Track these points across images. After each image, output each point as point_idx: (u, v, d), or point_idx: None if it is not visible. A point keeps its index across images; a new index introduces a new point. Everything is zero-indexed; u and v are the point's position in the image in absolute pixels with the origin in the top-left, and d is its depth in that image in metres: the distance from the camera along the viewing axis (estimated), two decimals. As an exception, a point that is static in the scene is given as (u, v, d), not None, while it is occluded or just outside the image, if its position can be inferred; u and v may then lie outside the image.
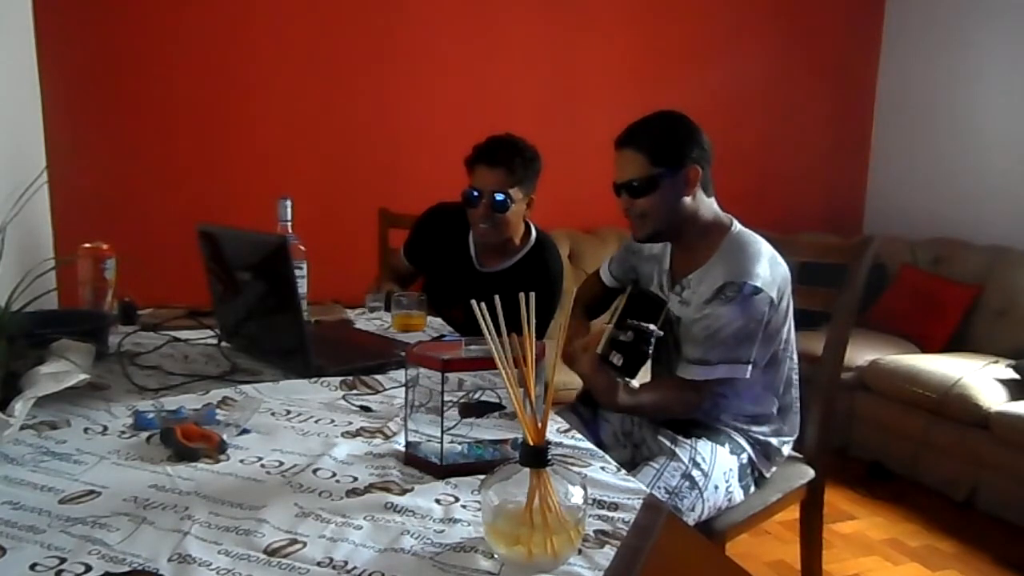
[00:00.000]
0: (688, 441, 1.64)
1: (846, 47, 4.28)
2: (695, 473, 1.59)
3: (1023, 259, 3.41)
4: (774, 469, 1.77)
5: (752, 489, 1.71)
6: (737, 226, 1.69)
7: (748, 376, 1.60)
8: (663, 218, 1.65)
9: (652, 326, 1.55)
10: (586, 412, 1.83)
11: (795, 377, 1.75)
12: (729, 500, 1.65)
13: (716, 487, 1.61)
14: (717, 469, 1.62)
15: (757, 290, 1.57)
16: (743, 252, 1.62)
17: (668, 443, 1.65)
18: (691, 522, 1.55)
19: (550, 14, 3.66)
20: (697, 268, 1.66)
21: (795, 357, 1.74)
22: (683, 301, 1.68)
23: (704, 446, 1.64)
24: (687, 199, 1.64)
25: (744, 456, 1.69)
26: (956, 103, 3.92)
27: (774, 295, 1.60)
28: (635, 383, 1.58)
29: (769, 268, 1.61)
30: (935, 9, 4.03)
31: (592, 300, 1.98)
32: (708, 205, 1.68)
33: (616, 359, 1.53)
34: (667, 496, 1.53)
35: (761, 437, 1.72)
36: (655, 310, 1.71)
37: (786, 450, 1.78)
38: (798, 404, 1.78)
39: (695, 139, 1.64)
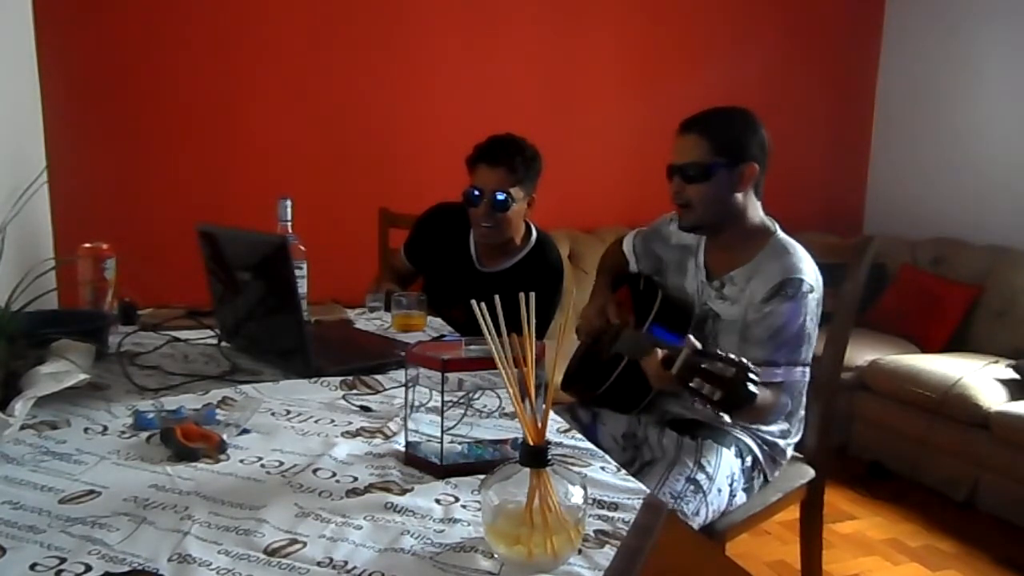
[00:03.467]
0: (693, 443, 1.64)
1: (846, 47, 4.28)
2: (699, 477, 1.58)
3: (1023, 259, 3.41)
4: (777, 473, 1.76)
5: (755, 492, 1.71)
6: (781, 232, 1.69)
7: (806, 378, 1.61)
8: (710, 209, 1.64)
9: (747, 362, 1.29)
10: (585, 416, 1.82)
11: (806, 380, 1.75)
12: (731, 503, 1.65)
13: (720, 490, 1.60)
14: (721, 472, 1.61)
15: (811, 288, 1.58)
16: (792, 253, 1.62)
17: (673, 446, 1.65)
18: (695, 526, 1.54)
19: (550, 14, 3.66)
20: (740, 266, 1.65)
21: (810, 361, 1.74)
22: (724, 297, 1.67)
23: (709, 449, 1.63)
24: (738, 195, 1.63)
25: (749, 458, 1.69)
26: (956, 103, 3.92)
27: (819, 297, 1.61)
28: (727, 417, 1.46)
29: (813, 272, 1.62)
30: (935, 9, 4.03)
31: (614, 272, 1.94)
32: (756, 207, 1.68)
33: (711, 392, 1.29)
34: (672, 501, 1.52)
35: (769, 437, 1.72)
36: (684, 316, 1.69)
37: (790, 452, 1.78)
38: (803, 408, 1.78)
39: (760, 137, 1.64)
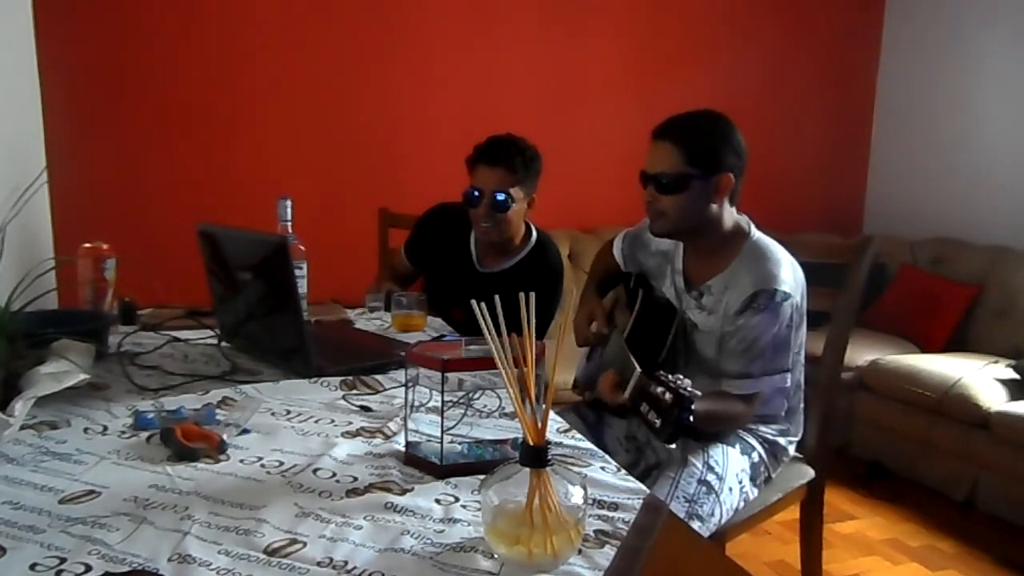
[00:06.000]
0: (699, 445, 1.62)
1: (846, 47, 4.28)
2: (710, 477, 1.57)
3: (1023, 259, 3.41)
4: (780, 469, 1.76)
5: (762, 488, 1.71)
6: (755, 232, 1.65)
7: (788, 384, 1.60)
8: (684, 220, 1.60)
9: (689, 387, 1.29)
10: (590, 415, 1.82)
11: (802, 379, 1.75)
12: (744, 500, 1.65)
13: (731, 489, 1.60)
14: (730, 471, 1.61)
15: (787, 296, 1.55)
16: (767, 259, 1.58)
17: (678, 448, 1.63)
18: (712, 527, 1.54)
19: (550, 15, 3.66)
20: (717, 274, 1.63)
21: (803, 359, 1.73)
22: (702, 307, 1.65)
23: (716, 449, 1.62)
24: (713, 206, 1.59)
25: (755, 455, 1.69)
26: (956, 103, 3.92)
27: (798, 300, 1.58)
28: (673, 447, 1.47)
29: (792, 273, 1.59)
30: (935, 9, 4.03)
31: (605, 276, 1.94)
32: (731, 213, 1.64)
33: (652, 417, 1.30)
34: (686, 504, 1.51)
35: (770, 436, 1.72)
36: (667, 319, 1.68)
37: (791, 450, 1.78)
38: (803, 405, 1.78)
39: (735, 146, 1.60)
